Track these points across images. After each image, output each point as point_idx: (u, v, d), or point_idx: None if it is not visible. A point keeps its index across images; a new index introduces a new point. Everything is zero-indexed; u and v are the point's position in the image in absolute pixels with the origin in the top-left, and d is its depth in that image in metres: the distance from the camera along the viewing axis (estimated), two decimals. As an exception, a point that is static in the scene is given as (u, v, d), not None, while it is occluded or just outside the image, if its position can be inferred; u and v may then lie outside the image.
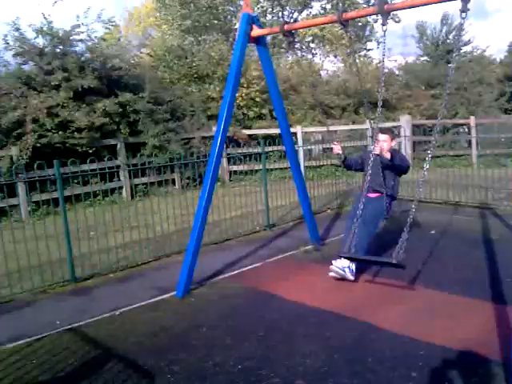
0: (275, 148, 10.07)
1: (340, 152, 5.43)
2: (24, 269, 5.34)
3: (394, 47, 42.52)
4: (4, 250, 5.26)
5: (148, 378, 3.52)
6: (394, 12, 18.15)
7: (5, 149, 9.14)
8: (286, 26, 5.42)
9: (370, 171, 4.70)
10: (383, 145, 5.19)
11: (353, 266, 5.10)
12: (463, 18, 3.94)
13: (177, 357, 3.80)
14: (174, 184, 10.80)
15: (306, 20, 9.47)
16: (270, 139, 9.90)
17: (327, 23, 6.23)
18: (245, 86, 13.64)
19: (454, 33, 26.43)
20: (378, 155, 4.99)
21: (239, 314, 4.57)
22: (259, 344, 3.97)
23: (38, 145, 9.35)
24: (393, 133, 5.94)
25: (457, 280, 5.10)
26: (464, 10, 3.92)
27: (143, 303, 4.86)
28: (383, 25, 4.48)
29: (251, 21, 5.47)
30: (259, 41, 5.73)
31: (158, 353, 3.87)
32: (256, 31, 5.50)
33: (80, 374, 3.57)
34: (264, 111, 13.74)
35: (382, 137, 5.28)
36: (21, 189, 8.68)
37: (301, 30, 20.10)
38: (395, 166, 5.20)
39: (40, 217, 7.88)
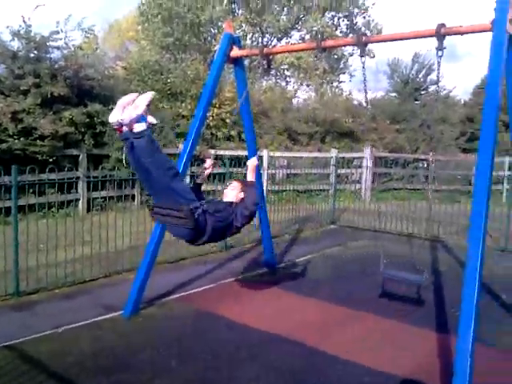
0: (240, 170, 10.09)
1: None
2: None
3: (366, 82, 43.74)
4: None
5: (85, 401, 3.41)
6: (370, 47, 18.81)
7: (-40, 152, 8.84)
8: (265, 50, 5.58)
9: None
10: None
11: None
12: (440, 56, 4.08)
13: (118, 379, 3.70)
14: (134, 200, 10.64)
15: (285, 45, 9.69)
16: (236, 160, 9.92)
17: (306, 49, 6.40)
18: (217, 106, 13.71)
19: (423, 71, 27.50)
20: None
21: (186, 336, 4.50)
22: (204, 367, 3.93)
23: (-3, 150, 9.08)
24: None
25: (406, 309, 5.20)
26: (440, 48, 4.07)
27: (88, 321, 4.72)
28: (361, 56, 4.64)
29: (232, 41, 5.55)
30: (237, 62, 5.81)
31: (99, 374, 3.76)
32: (236, 52, 5.58)
33: (12, 394, 3.43)
34: (233, 133, 13.80)
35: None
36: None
37: (278, 57, 20.48)
38: None
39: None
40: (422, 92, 25.87)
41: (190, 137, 5.37)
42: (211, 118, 13.29)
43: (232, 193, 4.06)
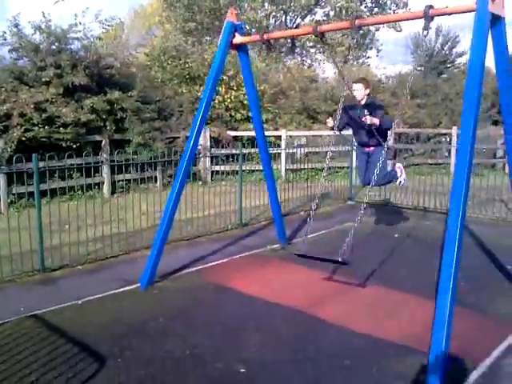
0: (257, 150, 10.27)
1: (332, 124, 5.95)
2: (-6, 258, 5.52)
3: (396, 55, 43.10)
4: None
5: (100, 362, 3.72)
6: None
7: (-10, 141, 9.33)
8: (265, 35, 5.70)
9: (359, 131, 6.27)
10: (359, 93, 6.10)
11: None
12: (425, 36, 4.37)
13: (130, 343, 4.02)
14: (156, 182, 11.02)
15: (284, 30, 9.72)
16: (256, 141, 10.11)
17: (304, 34, 6.51)
18: (234, 88, 13.89)
19: (448, 44, 26.85)
20: (355, 108, 6.20)
21: (197, 307, 4.80)
22: (210, 334, 4.20)
23: (24, 138, 9.53)
24: (366, 81, 6.48)
25: (408, 280, 5.38)
26: (426, 28, 4.23)
27: (106, 294, 5.07)
28: (353, 38, 4.86)
29: (234, 29, 5.72)
30: (240, 48, 5.99)
31: (114, 340, 4.07)
32: (238, 39, 5.76)
33: (36, 356, 3.77)
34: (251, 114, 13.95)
35: (355, 86, 6.10)
36: (2, 181, 8.89)
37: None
38: (381, 129, 5.99)
39: (19, 209, 8.06)
40: (448, 65, 25.30)
41: (197, 118, 5.61)
42: (229, 100, 13.48)
43: (360, 92, 6.06)
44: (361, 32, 25.00)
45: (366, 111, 5.96)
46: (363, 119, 5.85)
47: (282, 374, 3.55)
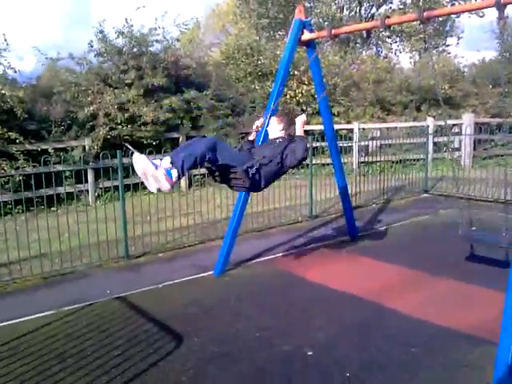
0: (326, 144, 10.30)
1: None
2: (84, 246, 6.06)
3: (481, 42, 40.81)
4: (69, 230, 6.03)
5: (177, 340, 4.04)
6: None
7: (79, 139, 10.14)
8: (333, 31, 5.78)
9: None
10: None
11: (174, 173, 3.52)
12: (502, 26, 4.19)
13: (204, 324, 4.31)
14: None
15: (351, 25, 9.58)
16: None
17: (370, 28, 6.46)
18: (306, 83, 13.95)
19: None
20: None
21: (266, 292, 5.01)
22: (279, 318, 4.39)
23: (109, 136, 10.26)
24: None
25: (481, 273, 5.22)
26: (501, 18, 4.14)
27: (183, 279, 5.43)
28: (424, 31, 4.75)
29: (302, 26, 5.86)
30: (309, 44, 6.12)
31: (190, 320, 4.39)
32: (306, 35, 5.89)
33: (121, 333, 4.16)
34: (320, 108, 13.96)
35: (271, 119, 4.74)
36: (90, 176, 9.65)
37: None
38: None
39: (105, 202, 8.72)
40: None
41: (267, 112, 5.80)
42: (300, 94, 13.56)
43: (274, 128, 4.52)
44: (440, 19, 24.02)
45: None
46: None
47: (347, 358, 3.65)
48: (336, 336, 4.01)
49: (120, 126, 10.44)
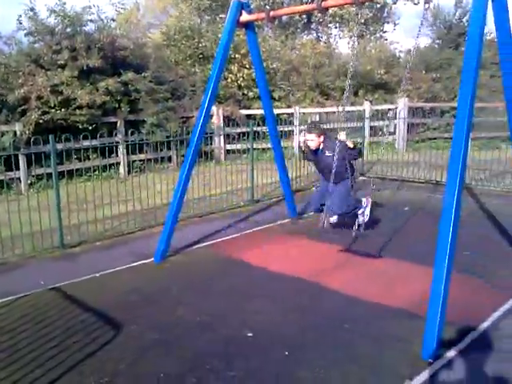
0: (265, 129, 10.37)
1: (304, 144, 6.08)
2: (17, 237, 5.78)
3: (413, 29, 42.24)
4: (-1, 220, 5.76)
5: (115, 329, 3.97)
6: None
7: (9, 124, 9.62)
8: (271, 13, 5.79)
9: (324, 169, 5.99)
10: (313, 143, 5.94)
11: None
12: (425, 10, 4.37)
13: (144, 312, 4.27)
14: (171, 161, 11.23)
15: (289, 7, 9.67)
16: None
17: (308, 10, 6.53)
18: (247, 66, 13.91)
19: (467, 16, 26.17)
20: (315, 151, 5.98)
21: (207, 277, 5.02)
22: (220, 302, 4.42)
23: (41, 121, 9.80)
24: (319, 129, 6.11)
25: (416, 250, 5.50)
26: (427, 1, 4.31)
27: (122, 267, 5.33)
28: (356, 14, 4.87)
29: (241, 7, 5.81)
30: (248, 26, 6.09)
31: (129, 308, 4.33)
32: (245, 17, 5.85)
33: (56, 324, 4.04)
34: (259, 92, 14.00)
35: (309, 136, 5.97)
36: (22, 163, 9.19)
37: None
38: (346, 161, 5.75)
39: (39, 190, 8.36)
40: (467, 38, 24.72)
41: (206, 97, 5.75)
42: (242, 78, 13.52)
43: (313, 143, 5.91)
44: (378, 6, 24.63)
45: (327, 152, 5.84)
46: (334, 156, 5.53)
47: (285, 337, 3.75)
48: (276, 317, 4.10)
49: (53, 110, 10.00)
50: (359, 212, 5.92)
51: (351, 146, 5.68)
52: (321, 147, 5.95)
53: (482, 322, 3.86)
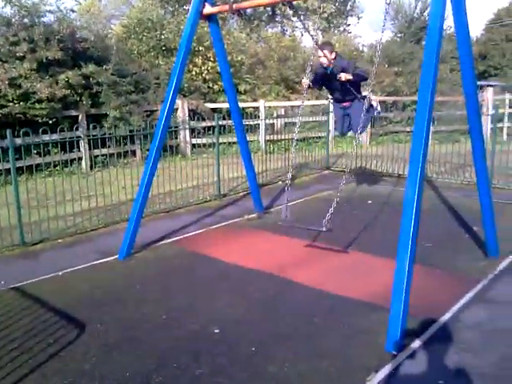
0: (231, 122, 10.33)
1: (307, 83, 6.10)
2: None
3: (376, 23, 42.97)
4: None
5: (79, 328, 3.89)
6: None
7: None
8: (234, 6, 5.73)
9: (334, 89, 6.48)
10: (325, 59, 6.11)
11: None
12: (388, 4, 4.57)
13: (109, 310, 4.19)
14: (135, 156, 11.05)
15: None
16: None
17: (272, 3, 6.52)
18: (211, 59, 13.80)
19: (428, 10, 26.74)
20: (326, 68, 6.23)
21: (173, 273, 4.98)
22: (186, 298, 4.39)
23: (-1, 115, 9.46)
24: (330, 44, 6.62)
25: (380, 243, 5.60)
26: None
27: (86, 265, 5.22)
28: (319, 7, 4.89)
29: None
30: (211, 18, 6.02)
31: (93, 307, 4.24)
32: (208, 9, 5.79)
33: (17, 325, 3.92)
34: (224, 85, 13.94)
35: (321, 53, 6.10)
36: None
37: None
38: (356, 83, 6.23)
39: (-3, 186, 8.09)
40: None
41: (170, 90, 5.67)
42: (206, 71, 13.42)
43: (325, 59, 6.07)
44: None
45: (336, 70, 6.06)
46: (337, 77, 5.98)
47: (253, 333, 3.76)
48: (242, 312, 4.10)
49: (11, 104, 9.66)
50: (375, 114, 6.70)
51: (374, 104, 6.34)
52: (331, 66, 6.13)
53: (445, 312, 3.97)
